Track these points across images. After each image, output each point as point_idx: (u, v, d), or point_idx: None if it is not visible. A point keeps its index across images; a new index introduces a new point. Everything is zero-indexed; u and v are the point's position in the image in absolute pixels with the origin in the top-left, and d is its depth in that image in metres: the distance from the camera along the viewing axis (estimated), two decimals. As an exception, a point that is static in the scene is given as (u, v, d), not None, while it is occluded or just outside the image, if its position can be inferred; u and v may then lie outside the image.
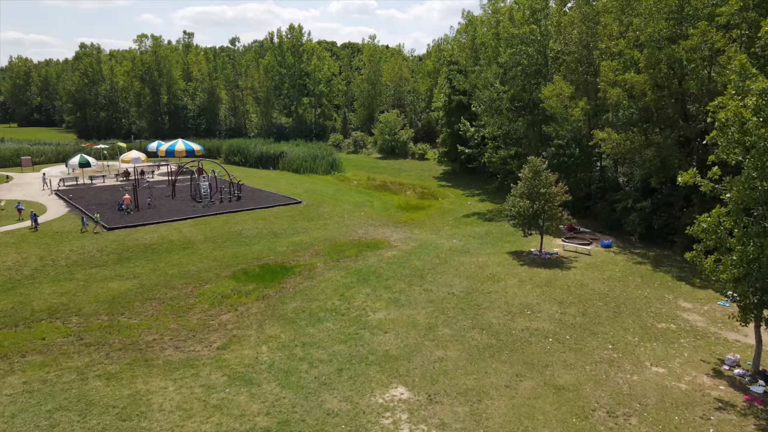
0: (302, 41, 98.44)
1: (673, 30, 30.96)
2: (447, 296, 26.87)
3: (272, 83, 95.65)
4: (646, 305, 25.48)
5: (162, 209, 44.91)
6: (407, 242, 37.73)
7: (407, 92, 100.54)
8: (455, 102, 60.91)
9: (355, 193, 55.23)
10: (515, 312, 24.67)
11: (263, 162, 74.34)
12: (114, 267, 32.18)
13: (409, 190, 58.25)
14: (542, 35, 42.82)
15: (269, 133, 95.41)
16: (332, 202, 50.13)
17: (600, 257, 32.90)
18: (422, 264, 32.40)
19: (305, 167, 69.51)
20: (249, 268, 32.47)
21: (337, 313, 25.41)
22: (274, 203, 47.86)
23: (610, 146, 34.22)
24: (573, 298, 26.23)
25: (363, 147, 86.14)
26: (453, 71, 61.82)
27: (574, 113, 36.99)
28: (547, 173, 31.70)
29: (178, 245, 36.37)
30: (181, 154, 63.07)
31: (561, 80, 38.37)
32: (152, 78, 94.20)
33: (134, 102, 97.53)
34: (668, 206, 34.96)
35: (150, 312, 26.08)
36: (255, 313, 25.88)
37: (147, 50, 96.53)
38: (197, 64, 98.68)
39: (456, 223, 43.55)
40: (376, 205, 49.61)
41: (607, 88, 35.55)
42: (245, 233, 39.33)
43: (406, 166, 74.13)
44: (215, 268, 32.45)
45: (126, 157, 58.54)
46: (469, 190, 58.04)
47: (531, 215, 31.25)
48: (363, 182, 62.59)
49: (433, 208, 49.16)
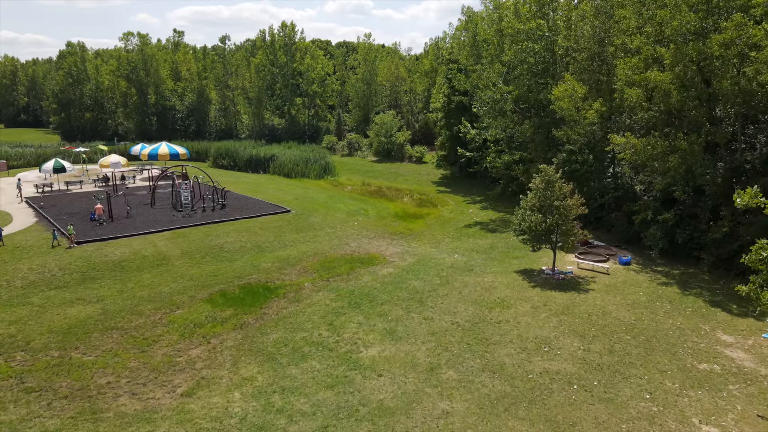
0: (295, 39, 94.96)
1: (701, 23, 27.62)
2: (450, 327, 23.46)
3: (264, 83, 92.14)
4: (681, 339, 22.11)
5: (138, 219, 41.35)
6: (404, 257, 34.35)
7: (404, 92, 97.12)
8: (455, 103, 57.55)
9: (348, 200, 51.80)
10: (531, 348, 21.26)
11: (253, 166, 70.82)
12: (76, 288, 28.67)
13: (406, 196, 54.86)
14: (550, 31, 39.45)
15: (261, 135, 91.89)
16: (324, 210, 46.67)
17: (620, 277, 29.53)
18: (421, 285, 29.00)
19: (297, 171, 66.02)
20: (228, 289, 29.03)
21: (324, 348, 22.00)
22: (260, 212, 44.37)
23: (629, 152, 30.89)
24: (596, 330, 22.84)
25: (358, 149, 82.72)
26: (452, 70, 58.46)
27: (588, 116, 33.62)
28: (560, 183, 28.33)
29: (152, 262, 32.88)
30: (164, 157, 59.66)
31: (573, 79, 35.01)
32: (139, 77, 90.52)
33: (120, 102, 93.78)
34: (692, 218, 31.68)
35: (109, 345, 22.61)
36: (230, 347, 22.45)
37: (133, 49, 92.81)
38: (186, 63, 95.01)
39: (457, 234, 40.16)
40: (370, 214, 46.19)
41: (625, 88, 32.24)
42: (227, 247, 35.86)
43: (403, 170, 70.74)
44: (190, 289, 28.99)
45: (105, 161, 54.96)
46: (470, 196, 54.69)
47: (543, 231, 27.86)
48: (357, 188, 59.17)
49: (432, 217, 45.78)
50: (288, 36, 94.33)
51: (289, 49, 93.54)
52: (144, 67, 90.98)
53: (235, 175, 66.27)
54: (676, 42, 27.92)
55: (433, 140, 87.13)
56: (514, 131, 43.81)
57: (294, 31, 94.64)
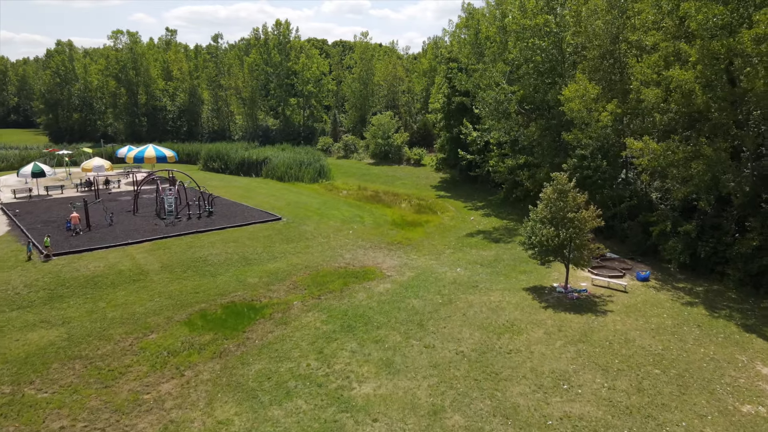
0: (290, 38, 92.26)
1: (730, 16, 25.05)
2: (455, 358, 20.85)
3: (257, 83, 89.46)
4: (717, 373, 19.53)
5: (118, 228, 38.62)
6: (402, 271, 31.77)
7: (402, 92, 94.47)
8: (455, 104, 54.96)
9: (343, 206, 49.18)
10: (547, 386, 18.65)
11: (245, 169, 68.13)
12: (41, 309, 26.01)
13: (405, 201, 52.24)
14: (558, 27, 36.86)
15: (254, 137, 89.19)
16: (317, 218, 44.02)
17: (639, 295, 26.94)
18: (421, 304, 26.39)
19: (290, 175, 63.38)
20: (209, 309, 26.42)
21: (312, 383, 19.39)
22: (249, 220, 41.68)
23: (648, 158, 28.32)
24: (620, 362, 20.24)
25: (354, 152, 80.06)
26: (453, 70, 55.88)
27: (601, 118, 31.03)
28: (574, 193, 25.73)
29: (128, 277, 30.23)
30: (151, 161, 56.92)
31: (585, 79, 32.44)
32: (128, 77, 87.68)
33: (110, 103, 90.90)
34: (716, 230, 29.13)
35: (69, 379, 19.98)
36: (206, 381, 19.83)
37: (123, 47, 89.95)
38: (177, 62, 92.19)
39: (459, 244, 37.58)
40: (367, 222, 43.57)
41: (641, 87, 29.69)
42: (211, 260, 33.21)
43: (401, 173, 68.12)
44: (168, 308, 26.37)
45: (87, 164, 52.20)
46: (471, 201, 52.11)
47: (556, 246, 25.25)
48: (353, 192, 56.56)
49: (431, 225, 43.19)
50: (282, 34, 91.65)
51: (283, 48, 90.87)
52: (134, 66, 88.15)
53: (225, 179, 63.57)
54: (702, 37, 25.35)
55: (432, 142, 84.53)
56: (519, 134, 41.20)
57: (288, 30, 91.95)
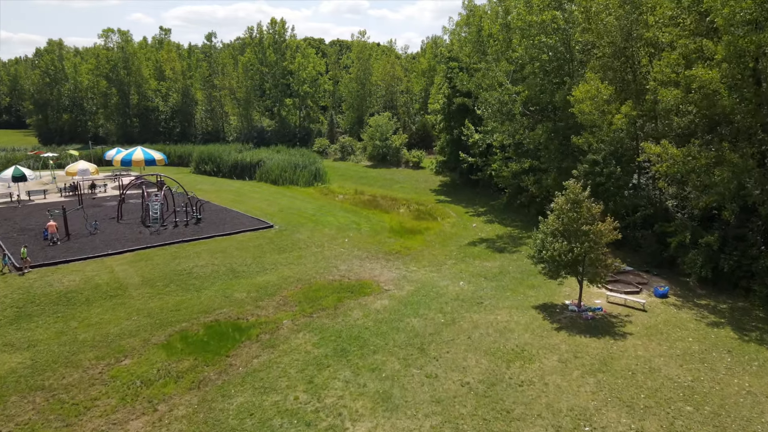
0: (285, 37, 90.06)
1: (759, 10, 22.90)
2: (460, 391, 18.64)
3: (252, 82, 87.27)
4: (756, 410, 17.34)
5: (98, 238, 36.35)
6: (401, 284, 29.60)
7: (400, 93, 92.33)
8: (456, 104, 52.78)
9: (339, 212, 46.98)
10: (567, 428, 16.39)
11: (238, 172, 65.87)
12: (6, 330, 23.79)
13: (403, 206, 50.04)
14: (567, 23, 34.72)
15: (249, 138, 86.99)
16: (311, 225, 41.81)
17: (659, 314, 24.76)
18: (422, 324, 24.21)
19: (284, 178, 61.18)
20: (191, 329, 24.22)
21: (299, 421, 17.19)
22: (239, 228, 39.46)
23: (667, 163, 26.17)
24: (646, 397, 18.03)
25: (351, 153, 77.87)
26: (453, 69, 53.75)
27: (614, 120, 28.88)
28: (589, 203, 23.57)
29: (105, 292, 28.01)
30: (139, 164, 54.57)
31: (596, 78, 30.29)
32: (119, 77, 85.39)
33: (100, 103, 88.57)
34: (740, 242, 27.00)
35: (27, 415, 17.78)
36: (181, 417, 17.63)
37: (114, 46, 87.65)
38: (170, 61, 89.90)
39: (461, 254, 35.41)
40: (363, 229, 41.39)
41: (658, 88, 27.54)
42: (196, 272, 31.00)
43: (399, 176, 65.94)
44: (145, 328, 24.17)
45: (72, 168, 49.89)
46: (473, 207, 49.96)
47: (569, 262, 23.08)
48: (350, 196, 54.34)
49: (431, 232, 41.02)
50: (278, 33, 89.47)
51: (279, 47, 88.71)
52: (125, 65, 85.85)
53: (217, 182, 61.30)
54: (730, 33, 23.19)
55: (431, 143, 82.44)
56: (524, 137, 39.02)
57: (284, 29, 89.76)
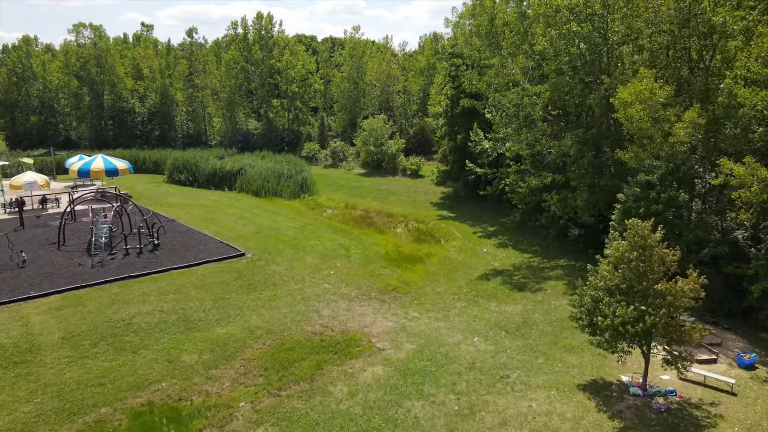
0: (273, 33, 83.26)
1: None
2: None
3: (236, 81, 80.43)
4: None
5: (24, 273, 29.49)
6: (399, 341, 23.01)
7: (397, 93, 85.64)
8: (461, 107, 46.13)
9: (327, 232, 40.30)
10: None
11: (216, 181, 58.97)
12: None
13: (401, 225, 43.33)
14: (604, 7, 28.10)
15: (233, 142, 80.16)
16: (291, 251, 35.09)
17: (756, 401, 18.10)
18: (428, 416, 17.57)
19: (267, 189, 54.36)
20: (110, 420, 17.56)
21: None
22: (204, 257, 32.71)
23: (757, 189, 19.61)
24: None
25: (343, 160, 71.13)
26: (458, 67, 47.15)
27: (675, 131, 22.33)
28: (661, 250, 16.93)
29: (8, 357, 21.33)
30: (98, 174, 47.81)
31: (650, 76, 23.70)
32: (91, 75, 78.43)
33: (72, 104, 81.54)
34: None
35: None
36: None
37: (86, 43, 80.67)
38: (147, 59, 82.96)
39: (472, 292, 28.82)
40: (354, 256, 34.74)
41: (738, 89, 20.98)
42: (138, 323, 24.30)
43: (396, 186, 59.25)
44: (48, 418, 17.52)
45: (16, 181, 43.03)
46: (480, 224, 43.33)
47: (638, 333, 16.41)
48: (339, 211, 47.60)
49: (434, 260, 34.43)
50: (264, 29, 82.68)
51: (265, 44, 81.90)
52: (97, 63, 78.87)
53: (191, 194, 54.39)
54: None
55: (430, 148, 75.78)
56: (547, 147, 32.40)
57: (271, 24, 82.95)
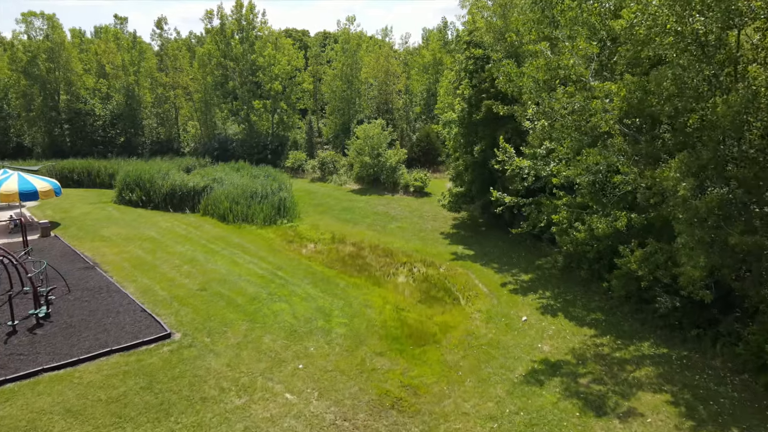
0: (255, 24, 72.34)
1: None
2: None
3: (212, 80, 69.63)
4: None
5: None
6: None
7: (397, 93, 74.74)
8: (483, 112, 35.12)
9: (303, 283, 29.35)
10: None
11: (176, 202, 48.03)
12: None
13: (404, 271, 32.26)
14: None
15: (209, 150, 69.40)
16: (245, 325, 24.08)
17: None
18: None
19: (237, 213, 43.38)
20: None
21: None
22: (106, 343, 21.66)
23: None
24: None
25: (333, 173, 60.20)
26: (475, 59, 36.24)
27: None
28: None
29: None
30: (10, 198, 36.96)
31: None
32: (41, 73, 67.53)
33: (23, 106, 70.66)
34: None
35: None
36: None
37: (37, 35, 69.74)
38: (108, 53, 72.02)
39: (518, 413, 17.82)
40: (335, 332, 23.77)
41: None
42: None
43: (397, 207, 48.29)
44: None
45: None
46: (510, 270, 32.42)
47: None
48: (324, 247, 36.60)
49: (453, 338, 23.51)
50: (245, 19, 71.74)
51: (246, 37, 71.00)
52: (50, 58, 67.95)
53: (139, 220, 43.22)
54: None
55: (437, 157, 64.92)
56: (631, 177, 21.36)
57: (253, 13, 71.98)
